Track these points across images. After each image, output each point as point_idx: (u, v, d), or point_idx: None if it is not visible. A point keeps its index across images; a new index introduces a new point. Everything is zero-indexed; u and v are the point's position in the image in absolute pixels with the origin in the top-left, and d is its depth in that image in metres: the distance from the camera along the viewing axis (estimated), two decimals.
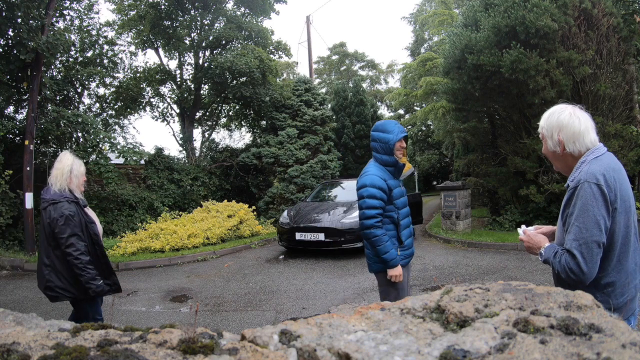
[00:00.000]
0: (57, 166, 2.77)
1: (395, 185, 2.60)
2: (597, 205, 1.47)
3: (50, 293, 2.73)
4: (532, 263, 5.98)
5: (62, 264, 2.70)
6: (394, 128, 2.58)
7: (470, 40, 7.95)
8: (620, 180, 1.52)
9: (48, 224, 2.67)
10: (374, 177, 2.54)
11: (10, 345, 0.60)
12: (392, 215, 2.57)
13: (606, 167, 1.51)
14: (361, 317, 0.72)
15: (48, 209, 2.68)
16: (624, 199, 1.52)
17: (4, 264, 7.10)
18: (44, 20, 7.78)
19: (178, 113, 13.72)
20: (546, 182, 7.84)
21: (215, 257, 7.73)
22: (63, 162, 2.77)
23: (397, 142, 2.56)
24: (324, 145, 12.77)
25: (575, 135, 1.57)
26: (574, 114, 1.59)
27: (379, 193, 2.51)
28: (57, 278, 2.70)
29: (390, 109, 26.58)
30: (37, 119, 7.91)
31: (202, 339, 0.64)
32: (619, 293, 1.55)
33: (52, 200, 2.68)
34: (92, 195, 9.10)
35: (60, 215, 2.63)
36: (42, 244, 2.76)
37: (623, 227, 1.52)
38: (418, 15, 24.10)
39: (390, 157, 2.58)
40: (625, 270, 1.55)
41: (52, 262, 2.71)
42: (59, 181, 2.73)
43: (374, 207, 2.50)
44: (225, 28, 12.07)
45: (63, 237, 2.63)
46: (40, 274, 2.76)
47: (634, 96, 8.28)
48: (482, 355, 0.57)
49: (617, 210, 1.50)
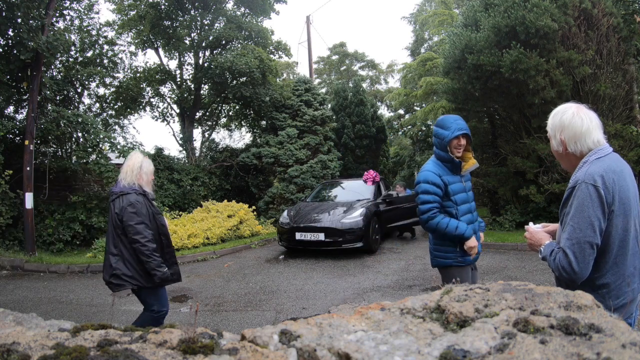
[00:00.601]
0: (127, 163, 2.95)
1: (454, 180, 2.58)
2: (593, 206, 1.47)
3: (115, 281, 2.85)
4: (532, 263, 5.98)
5: (129, 252, 2.84)
6: (452, 124, 2.55)
7: (470, 40, 7.95)
8: (620, 182, 1.51)
9: (116, 214, 2.82)
10: (428, 173, 2.56)
11: (10, 345, 0.60)
12: (451, 211, 2.56)
13: (606, 168, 1.51)
14: (361, 317, 0.72)
15: (117, 200, 2.85)
16: (623, 201, 1.51)
17: (4, 264, 7.10)
18: (44, 20, 7.77)
19: (178, 113, 13.72)
20: (546, 182, 7.84)
21: (215, 257, 7.73)
22: (133, 160, 2.96)
23: (453, 139, 2.53)
24: (324, 145, 12.77)
25: (576, 135, 1.57)
26: (577, 114, 1.58)
27: (432, 188, 2.53)
28: (125, 266, 2.85)
29: (390, 109, 26.58)
30: (37, 119, 7.91)
31: (202, 339, 0.64)
32: (614, 295, 1.55)
33: (121, 192, 2.85)
34: (92, 195, 9.10)
35: (129, 204, 2.80)
36: (110, 235, 2.90)
37: (621, 230, 1.51)
38: (418, 15, 24.10)
39: (445, 153, 2.57)
40: (621, 273, 1.54)
41: (120, 251, 2.86)
42: (129, 176, 2.90)
43: (427, 202, 2.53)
44: (225, 28, 12.07)
45: (131, 224, 2.79)
46: (107, 264, 2.88)
47: (634, 96, 8.27)
48: (482, 355, 0.57)
49: (614, 213, 1.50)
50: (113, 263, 2.84)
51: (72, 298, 5.37)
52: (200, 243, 8.25)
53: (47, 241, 8.43)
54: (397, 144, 25.33)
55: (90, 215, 8.77)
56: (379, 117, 17.39)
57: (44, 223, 8.50)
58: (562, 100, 7.77)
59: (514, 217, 8.68)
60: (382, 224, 7.95)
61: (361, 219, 7.05)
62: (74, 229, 8.59)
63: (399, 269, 6.10)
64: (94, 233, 8.84)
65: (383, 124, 17.20)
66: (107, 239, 2.94)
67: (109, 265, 2.87)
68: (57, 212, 8.70)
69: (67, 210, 8.71)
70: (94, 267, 7.01)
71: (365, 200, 7.97)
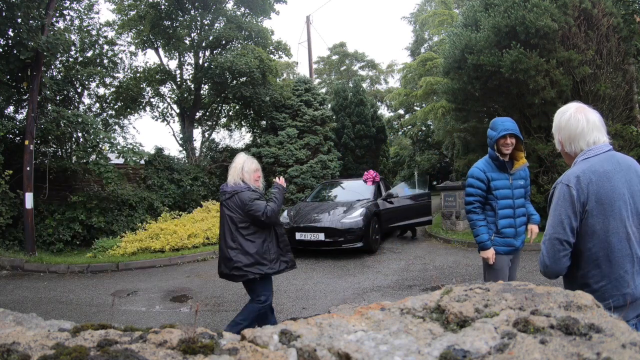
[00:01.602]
0: (232, 165, 3.32)
1: (499, 177, 2.86)
2: (564, 205, 1.56)
3: (238, 273, 3.09)
4: (532, 263, 5.98)
5: (248, 244, 3.10)
6: (499, 126, 2.81)
7: (470, 40, 7.95)
8: (601, 183, 1.53)
9: (236, 209, 3.12)
10: (475, 169, 2.91)
11: (10, 345, 0.60)
12: (492, 204, 2.87)
13: (586, 169, 1.55)
14: (361, 317, 0.72)
15: (233, 198, 3.16)
16: (602, 202, 1.52)
17: (4, 264, 7.10)
18: (44, 20, 7.77)
19: (178, 113, 13.72)
20: (546, 182, 7.84)
21: (215, 257, 7.73)
22: (236, 162, 3.31)
23: (500, 138, 2.78)
24: (324, 145, 12.77)
25: (571, 136, 1.64)
26: (574, 115, 1.64)
27: (476, 183, 2.87)
28: (245, 258, 3.07)
29: (390, 109, 26.59)
30: (37, 119, 7.91)
31: (202, 339, 0.64)
32: (599, 297, 1.52)
33: (235, 191, 3.16)
34: (92, 195, 9.10)
35: (249, 198, 3.11)
36: (226, 231, 3.16)
37: (600, 230, 1.53)
38: (418, 15, 24.10)
39: (493, 152, 2.84)
40: (605, 274, 1.55)
41: (239, 244, 3.09)
42: (233, 176, 3.24)
43: (470, 194, 2.90)
44: (225, 28, 12.07)
45: (260, 211, 3.08)
46: (226, 259, 3.11)
47: (634, 96, 8.27)
48: (482, 355, 0.57)
49: (589, 213, 1.53)
50: (233, 257, 3.07)
51: (72, 298, 5.37)
52: (201, 243, 8.25)
53: (47, 241, 8.43)
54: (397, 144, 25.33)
55: (90, 215, 8.77)
56: (379, 117, 17.40)
57: (44, 223, 8.50)
58: (562, 100, 7.80)
59: None
60: (382, 224, 7.95)
61: (361, 219, 7.05)
62: (74, 229, 8.60)
63: (399, 269, 6.10)
64: (94, 233, 8.84)
65: (383, 124, 17.21)
66: (223, 235, 3.18)
67: (228, 259, 3.09)
68: (57, 212, 8.70)
69: (67, 210, 8.71)
70: (94, 267, 7.01)
71: (365, 200, 7.97)
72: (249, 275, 3.10)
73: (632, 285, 1.54)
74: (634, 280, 1.55)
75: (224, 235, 3.17)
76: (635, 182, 1.58)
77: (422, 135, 23.29)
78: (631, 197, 1.56)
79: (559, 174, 7.67)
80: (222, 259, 3.20)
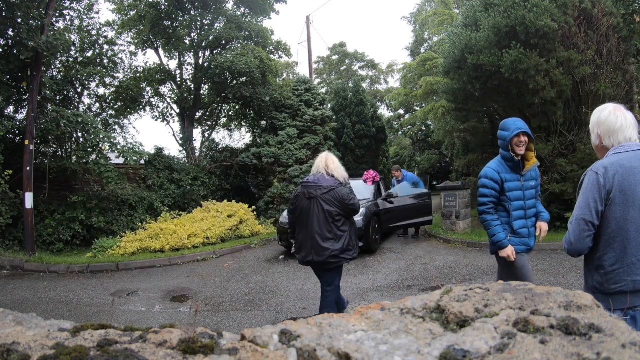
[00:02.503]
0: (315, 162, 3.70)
1: (512, 179, 2.86)
2: (592, 190, 1.71)
3: (334, 260, 3.47)
4: (532, 263, 5.97)
5: (341, 234, 3.49)
6: (511, 126, 2.83)
7: (470, 40, 7.95)
8: (626, 176, 1.68)
9: (335, 203, 3.47)
10: (488, 169, 2.89)
11: (10, 345, 0.60)
12: (505, 205, 2.88)
13: (615, 162, 1.71)
14: (361, 317, 0.72)
15: (331, 192, 3.50)
16: (626, 193, 1.67)
17: (4, 264, 7.10)
18: (44, 20, 7.77)
19: (178, 113, 13.72)
20: (546, 182, 7.83)
21: (215, 257, 7.73)
22: (319, 159, 3.69)
23: (514, 137, 2.78)
24: (324, 145, 12.76)
25: (610, 131, 1.79)
26: (614, 112, 1.81)
27: (489, 183, 2.85)
28: (340, 246, 3.47)
29: (390, 109, 26.58)
30: (37, 119, 7.91)
31: (202, 339, 0.64)
32: (612, 279, 1.70)
33: (331, 187, 3.50)
34: (92, 195, 9.10)
35: (347, 193, 3.51)
36: (321, 223, 3.47)
37: (619, 217, 1.68)
38: (418, 15, 24.11)
39: (507, 152, 2.84)
40: (619, 258, 1.69)
41: (334, 234, 3.47)
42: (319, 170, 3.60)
43: (484, 195, 2.89)
44: (225, 28, 12.07)
45: (357, 205, 3.54)
46: (321, 248, 3.46)
47: (634, 96, 8.27)
48: (482, 355, 0.57)
49: (612, 201, 1.69)
50: (330, 246, 3.45)
51: (72, 298, 5.37)
52: (200, 243, 8.25)
53: (47, 241, 8.43)
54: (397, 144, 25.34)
55: (90, 215, 8.77)
56: (379, 117, 17.39)
57: (44, 223, 8.50)
58: (562, 100, 7.81)
59: None
60: (382, 224, 7.94)
61: (361, 219, 7.04)
62: (74, 229, 8.59)
63: (399, 269, 6.10)
64: (94, 233, 8.84)
65: (383, 124, 17.21)
66: (316, 227, 3.48)
67: (324, 249, 3.46)
68: (57, 212, 8.70)
69: (67, 210, 8.71)
70: (94, 267, 7.01)
71: (365, 200, 7.97)
72: (342, 262, 3.52)
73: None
74: None
75: (318, 226, 3.47)
76: None
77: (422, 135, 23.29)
78: None
79: (559, 174, 7.68)
80: (312, 248, 3.48)
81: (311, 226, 3.48)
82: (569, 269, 5.42)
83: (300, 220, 3.60)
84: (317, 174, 3.60)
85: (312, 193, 3.51)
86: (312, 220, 3.48)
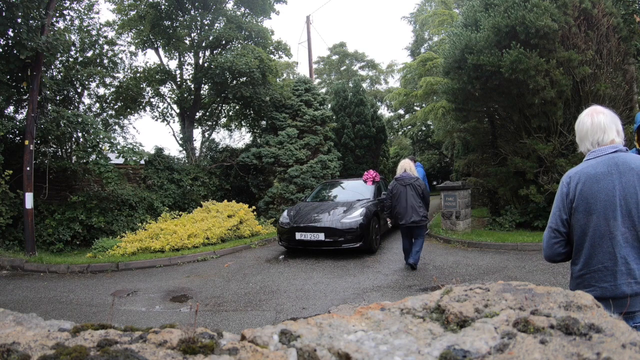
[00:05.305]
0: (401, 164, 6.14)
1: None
2: (557, 199, 1.79)
3: (424, 218, 5.78)
4: (532, 263, 5.98)
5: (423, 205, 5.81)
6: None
7: (470, 40, 7.95)
8: (589, 184, 1.68)
9: (419, 187, 5.80)
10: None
11: (10, 345, 0.60)
12: None
13: (580, 170, 1.73)
14: (361, 317, 0.72)
15: (416, 182, 5.82)
16: (589, 201, 1.68)
17: (4, 264, 7.10)
18: (44, 20, 7.77)
19: (178, 113, 13.71)
20: (546, 182, 7.84)
21: (215, 257, 7.73)
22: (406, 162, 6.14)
23: None
24: (324, 145, 12.76)
25: (580, 138, 1.81)
26: (582, 118, 1.80)
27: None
28: (424, 212, 5.79)
29: (390, 109, 26.57)
30: (37, 119, 7.90)
31: (202, 339, 0.64)
32: (580, 284, 1.74)
33: (415, 178, 5.89)
34: (92, 195, 9.09)
35: (422, 182, 5.92)
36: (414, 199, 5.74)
37: (584, 225, 1.70)
38: (418, 15, 24.10)
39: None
40: (585, 263, 1.71)
41: (421, 204, 5.77)
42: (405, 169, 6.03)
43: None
44: (225, 28, 12.06)
45: (426, 190, 5.88)
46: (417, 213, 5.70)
47: (634, 96, 8.27)
48: (482, 355, 0.57)
49: (574, 209, 1.72)
50: (422, 211, 5.74)
51: (72, 298, 5.37)
52: (200, 243, 8.25)
53: (47, 241, 8.43)
54: (397, 144, 25.35)
55: (90, 215, 8.76)
56: (379, 117, 17.40)
57: (44, 223, 8.50)
58: (562, 100, 7.81)
59: (514, 218, 8.67)
60: (382, 224, 7.95)
61: (361, 218, 7.05)
62: (74, 229, 8.59)
63: (399, 269, 6.10)
64: (93, 233, 8.84)
65: (383, 124, 17.21)
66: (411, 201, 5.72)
67: (418, 213, 5.69)
68: (57, 212, 8.70)
69: (67, 210, 8.71)
70: (94, 267, 7.01)
71: (365, 200, 7.97)
72: (426, 222, 5.99)
73: (612, 282, 1.64)
74: (615, 278, 1.63)
75: (414, 200, 5.71)
76: (635, 184, 1.63)
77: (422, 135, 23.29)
78: (623, 198, 1.63)
79: (559, 173, 7.68)
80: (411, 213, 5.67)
81: (409, 201, 5.68)
82: (568, 269, 5.41)
83: (399, 200, 5.74)
84: (403, 173, 5.90)
85: (406, 181, 5.78)
86: (408, 198, 5.70)
